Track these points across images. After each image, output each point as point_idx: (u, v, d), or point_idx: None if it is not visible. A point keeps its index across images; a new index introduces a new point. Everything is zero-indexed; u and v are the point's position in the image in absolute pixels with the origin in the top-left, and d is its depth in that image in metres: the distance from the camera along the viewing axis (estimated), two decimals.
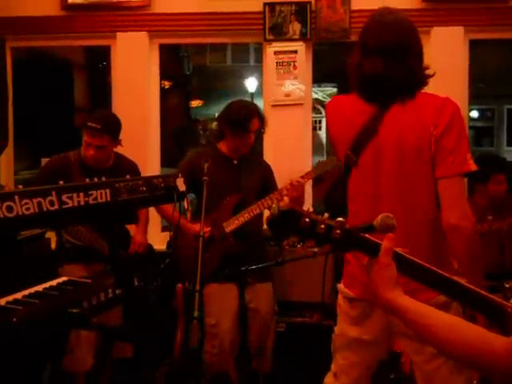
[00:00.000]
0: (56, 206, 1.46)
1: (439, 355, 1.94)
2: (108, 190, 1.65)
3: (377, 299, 1.30)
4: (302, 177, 3.01)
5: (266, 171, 3.35)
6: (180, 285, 3.35)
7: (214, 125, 3.28)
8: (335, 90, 13.13)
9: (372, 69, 1.96)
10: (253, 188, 3.20)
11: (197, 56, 12.60)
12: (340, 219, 1.24)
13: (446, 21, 3.79)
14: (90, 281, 2.15)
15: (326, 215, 1.24)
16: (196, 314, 1.73)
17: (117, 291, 1.97)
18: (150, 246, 3.41)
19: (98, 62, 6.23)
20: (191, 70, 11.72)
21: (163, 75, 4.36)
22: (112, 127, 3.08)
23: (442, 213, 1.94)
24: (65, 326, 1.79)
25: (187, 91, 10.60)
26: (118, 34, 3.92)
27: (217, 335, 3.00)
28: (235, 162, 3.22)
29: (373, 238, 1.30)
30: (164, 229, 4.08)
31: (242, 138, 3.11)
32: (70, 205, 1.51)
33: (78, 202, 1.54)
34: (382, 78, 1.95)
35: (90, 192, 1.58)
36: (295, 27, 3.81)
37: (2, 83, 3.16)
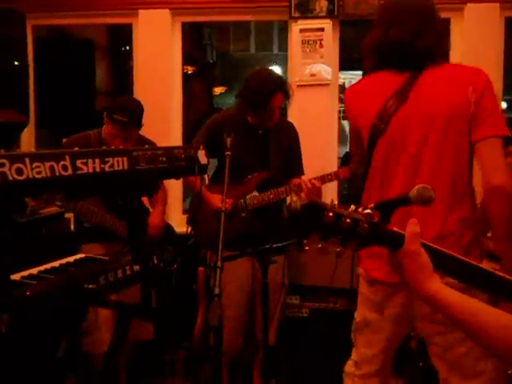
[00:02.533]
0: (70, 172, 1.38)
1: (466, 340, 1.85)
2: (125, 158, 1.56)
3: (415, 292, 1.18)
4: (329, 174, 2.92)
5: (293, 141, 3.17)
6: (201, 268, 3.27)
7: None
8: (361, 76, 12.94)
9: (400, 37, 1.94)
10: (279, 162, 3.07)
11: (220, 44, 12.52)
12: (368, 211, 1.11)
13: None
14: (107, 258, 2.09)
15: (353, 207, 1.11)
16: (217, 291, 1.64)
17: (135, 268, 1.90)
18: (168, 227, 3.33)
19: (121, 46, 6.16)
20: (214, 58, 11.64)
21: (186, 62, 4.27)
22: (138, 118, 3.03)
23: (483, 176, 1.86)
24: (80, 302, 1.72)
25: (210, 79, 10.52)
26: (139, 11, 3.84)
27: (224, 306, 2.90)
28: (260, 131, 3.06)
29: (402, 232, 1.18)
30: (185, 212, 4.00)
31: (265, 115, 2.95)
32: (85, 171, 1.42)
33: (94, 168, 1.45)
34: (410, 43, 1.93)
35: (106, 159, 1.49)
36: (322, 4, 3.68)
37: (23, 60, 3.08)
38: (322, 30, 3.70)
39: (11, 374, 1.52)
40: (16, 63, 3.01)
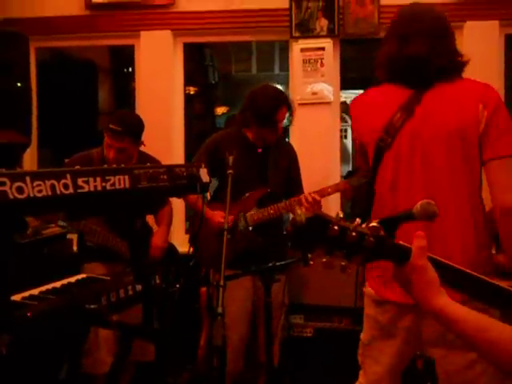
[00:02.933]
0: (71, 190, 1.37)
1: (477, 364, 1.82)
2: (127, 177, 1.55)
3: (422, 307, 1.15)
4: (329, 187, 2.91)
5: (292, 161, 3.19)
6: (204, 288, 3.25)
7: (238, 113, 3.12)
8: None
9: (415, 52, 1.91)
10: (278, 180, 3.07)
11: (222, 65, 12.58)
12: (374, 224, 1.09)
13: (480, 15, 3.64)
14: (109, 278, 2.08)
15: (358, 221, 1.09)
16: (220, 310, 1.62)
17: (137, 289, 1.88)
18: (171, 247, 3.31)
19: (123, 67, 6.21)
20: (216, 79, 11.70)
21: (188, 83, 4.30)
22: (133, 129, 2.99)
23: (495, 196, 1.83)
24: (82, 322, 1.70)
25: (212, 99, 10.57)
26: (141, 32, 3.88)
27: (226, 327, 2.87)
28: (259, 150, 3.08)
29: (409, 245, 1.16)
30: (188, 231, 3.99)
31: (269, 129, 2.97)
32: (86, 189, 1.41)
33: (95, 186, 1.44)
34: (426, 60, 1.90)
35: (107, 177, 1.49)
36: (322, 23, 3.70)
37: (26, 81, 3.10)
38: (323, 49, 3.72)
39: None
40: (19, 85, 3.03)
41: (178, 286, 2.93)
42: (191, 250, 2.90)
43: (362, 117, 2.06)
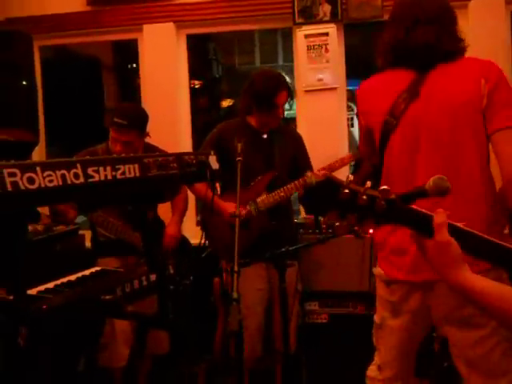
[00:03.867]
0: (81, 180, 1.37)
1: (490, 338, 1.84)
2: (137, 165, 1.55)
3: (444, 281, 1.15)
4: (336, 161, 2.92)
5: (298, 144, 3.19)
6: (217, 278, 3.25)
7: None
8: None
9: (424, 39, 1.93)
10: (285, 164, 3.06)
11: (225, 58, 12.56)
12: (384, 187, 1.08)
13: None
14: (122, 270, 2.08)
15: (369, 184, 1.09)
16: (235, 295, 1.62)
17: (151, 279, 1.88)
18: (184, 239, 3.31)
19: (127, 63, 6.21)
20: (220, 73, 11.68)
21: (192, 77, 4.28)
22: (139, 122, 2.97)
23: (503, 166, 1.84)
24: (98, 314, 1.70)
25: (217, 93, 10.56)
26: (144, 26, 3.86)
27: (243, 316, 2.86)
28: (265, 136, 3.07)
29: (422, 210, 1.16)
30: (199, 223, 3.98)
31: (270, 112, 2.96)
32: (97, 179, 1.41)
33: (105, 175, 1.44)
34: (434, 46, 1.93)
35: (117, 166, 1.48)
36: (325, 9, 3.67)
37: (31, 80, 3.11)
38: (327, 34, 3.69)
39: None
40: (24, 83, 3.03)
41: (191, 277, 2.94)
42: (203, 241, 2.88)
43: (368, 100, 2.08)
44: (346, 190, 1.05)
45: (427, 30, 1.93)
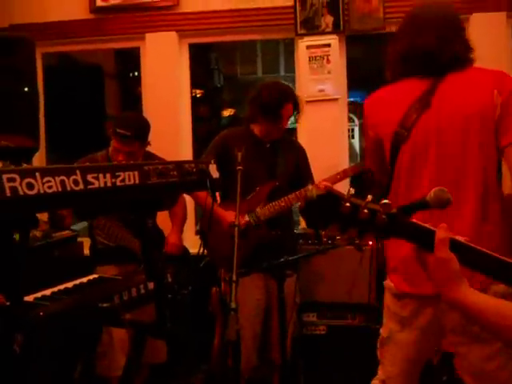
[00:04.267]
0: (81, 186, 1.36)
1: (497, 357, 1.80)
2: (136, 173, 1.54)
3: (442, 298, 1.14)
4: (338, 174, 2.92)
5: (300, 155, 3.20)
6: (215, 288, 3.23)
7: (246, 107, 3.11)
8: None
9: (427, 44, 1.93)
10: (287, 174, 3.06)
11: (227, 68, 12.60)
12: (385, 201, 1.08)
13: (486, 6, 3.61)
14: (120, 277, 2.07)
15: (370, 198, 1.08)
16: (234, 305, 1.60)
17: (149, 287, 1.87)
18: (185, 249, 3.30)
19: (129, 72, 6.23)
20: (222, 82, 11.72)
21: (194, 86, 4.29)
22: (142, 133, 2.98)
23: None
24: (95, 321, 1.69)
25: (218, 102, 10.60)
26: (147, 34, 3.88)
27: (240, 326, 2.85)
28: (267, 145, 3.08)
29: (424, 224, 1.15)
30: (198, 232, 3.97)
31: (275, 123, 2.97)
32: (96, 185, 1.40)
33: (105, 182, 1.43)
34: (437, 49, 1.92)
35: (117, 173, 1.48)
36: (327, 20, 3.69)
37: (33, 86, 3.11)
38: (329, 45, 3.70)
39: None
40: (26, 89, 3.04)
41: (189, 287, 2.93)
42: (201, 250, 2.87)
43: (378, 112, 2.05)
44: (347, 204, 1.05)
45: (430, 36, 1.93)
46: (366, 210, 1.05)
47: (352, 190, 1.08)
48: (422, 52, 1.95)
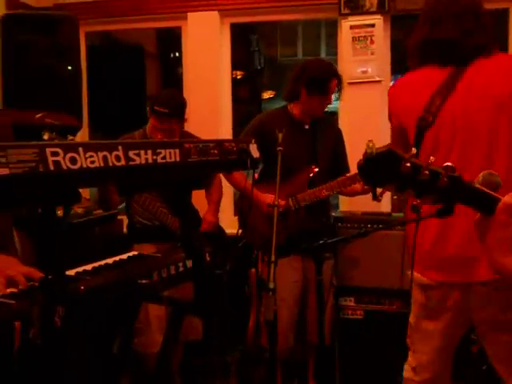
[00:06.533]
0: (122, 162, 1.36)
1: None
2: (177, 150, 1.54)
3: (491, 264, 1.11)
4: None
5: (338, 137, 3.18)
6: (253, 269, 3.23)
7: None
8: None
9: (447, 35, 1.92)
10: (327, 156, 3.03)
11: (268, 50, 12.52)
12: (448, 164, 1.03)
13: None
14: (159, 255, 2.09)
15: (432, 159, 1.04)
16: (272, 285, 1.60)
17: (187, 265, 1.88)
18: (220, 229, 3.31)
19: (170, 52, 6.25)
20: (262, 64, 11.66)
21: (234, 68, 4.26)
22: (179, 109, 2.98)
23: None
24: (134, 297, 1.71)
25: (258, 84, 10.56)
26: (188, 14, 3.86)
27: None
28: (307, 126, 3.04)
29: (486, 190, 1.11)
30: (236, 213, 3.97)
31: (320, 99, 2.93)
32: (137, 162, 1.40)
33: (146, 159, 1.43)
34: (459, 41, 1.91)
35: (158, 150, 1.48)
36: None
37: (76, 65, 3.15)
38: (373, 25, 3.62)
39: (67, 368, 1.52)
40: (69, 68, 3.07)
41: (227, 267, 2.94)
42: (240, 232, 2.87)
43: (402, 98, 2.04)
44: (408, 164, 1.01)
45: (451, 26, 1.92)
46: (426, 172, 1.01)
47: (414, 150, 1.05)
48: (442, 42, 1.93)
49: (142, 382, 2.96)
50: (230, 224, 3.67)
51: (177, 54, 5.74)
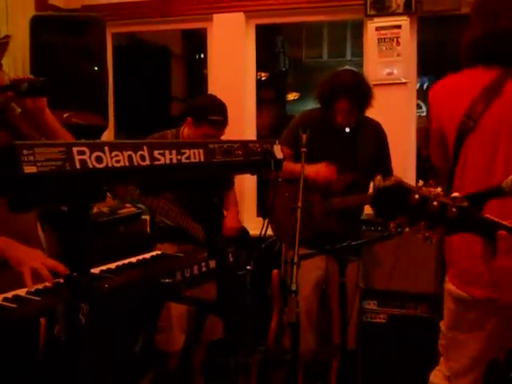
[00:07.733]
0: (147, 162, 1.37)
1: None
2: (202, 150, 1.54)
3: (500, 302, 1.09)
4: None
5: (381, 141, 3.08)
6: (276, 270, 3.23)
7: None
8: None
9: (507, 28, 1.82)
10: (367, 163, 2.96)
11: (293, 51, 12.50)
12: (456, 195, 1.04)
13: None
14: (182, 255, 2.09)
15: (439, 190, 1.05)
16: (294, 287, 1.59)
17: (210, 265, 1.88)
18: (244, 229, 3.31)
19: (195, 54, 6.28)
20: (287, 66, 11.64)
21: (259, 69, 4.27)
22: (227, 115, 3.01)
23: None
24: (157, 296, 1.72)
25: (283, 86, 10.54)
26: (214, 15, 3.88)
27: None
28: (347, 129, 2.97)
29: (495, 219, 1.09)
30: (259, 215, 3.98)
31: (331, 112, 2.89)
32: (162, 161, 1.41)
33: (171, 159, 1.44)
34: None
35: (182, 150, 1.48)
36: (398, 0, 3.57)
37: (103, 66, 3.19)
38: (399, 27, 3.59)
39: (90, 365, 1.54)
40: (96, 69, 3.12)
41: (249, 268, 2.94)
42: (264, 231, 2.86)
43: (443, 102, 1.96)
44: (416, 196, 1.01)
45: (509, 24, 1.81)
46: (435, 203, 1.01)
47: (421, 182, 1.05)
48: (498, 37, 1.83)
49: (164, 380, 2.98)
50: (253, 226, 3.67)
51: (202, 56, 5.76)
